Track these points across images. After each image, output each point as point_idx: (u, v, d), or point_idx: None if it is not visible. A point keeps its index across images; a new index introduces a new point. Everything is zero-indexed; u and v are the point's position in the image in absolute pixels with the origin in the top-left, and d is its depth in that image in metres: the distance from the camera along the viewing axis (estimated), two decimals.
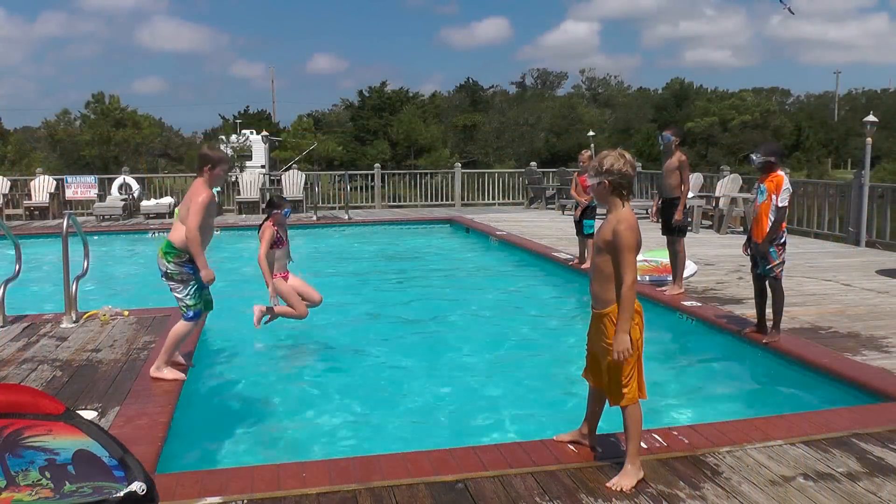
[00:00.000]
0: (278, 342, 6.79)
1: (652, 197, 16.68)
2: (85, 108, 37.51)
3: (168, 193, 18.67)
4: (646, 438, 3.79)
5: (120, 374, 5.01)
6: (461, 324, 7.56)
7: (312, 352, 6.62)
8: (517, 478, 3.42)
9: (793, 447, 3.76)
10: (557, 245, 11.30)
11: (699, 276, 8.44)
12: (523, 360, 6.22)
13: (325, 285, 9.11)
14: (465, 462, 3.57)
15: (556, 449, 3.71)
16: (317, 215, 16.69)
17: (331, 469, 3.50)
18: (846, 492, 3.27)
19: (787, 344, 5.62)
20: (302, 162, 38.57)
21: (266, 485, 3.34)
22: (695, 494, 3.25)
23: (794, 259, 10.02)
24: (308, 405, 5.19)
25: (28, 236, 13.02)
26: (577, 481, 3.38)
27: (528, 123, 48.47)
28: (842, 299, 7.31)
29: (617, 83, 64.94)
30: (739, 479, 3.41)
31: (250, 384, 5.64)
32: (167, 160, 40.14)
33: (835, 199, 12.72)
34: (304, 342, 6.84)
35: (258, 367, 6.09)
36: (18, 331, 6.27)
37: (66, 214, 6.73)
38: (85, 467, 2.51)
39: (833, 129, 57.68)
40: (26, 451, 2.48)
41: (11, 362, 5.33)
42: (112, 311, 6.78)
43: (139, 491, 2.53)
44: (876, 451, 3.70)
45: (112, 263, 11.91)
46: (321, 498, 3.23)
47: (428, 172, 21.62)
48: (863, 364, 5.13)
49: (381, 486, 3.32)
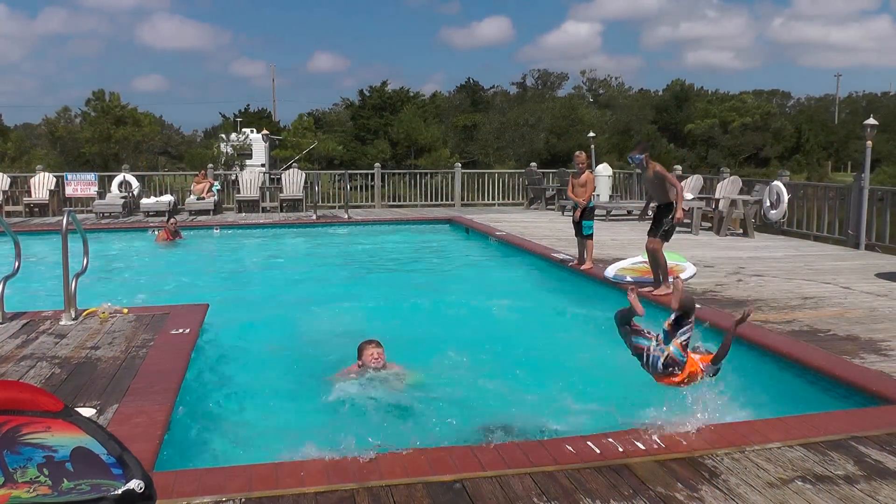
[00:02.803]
0: (278, 341, 6.79)
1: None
2: (85, 105, 37.47)
3: (168, 191, 18.67)
4: (643, 440, 3.80)
5: (119, 372, 5.01)
6: (460, 323, 7.56)
7: (312, 351, 6.62)
8: (515, 478, 3.42)
9: (791, 450, 3.76)
10: (557, 245, 11.29)
11: (698, 277, 8.44)
12: (522, 360, 6.21)
13: (325, 285, 9.15)
14: (463, 462, 3.57)
15: (554, 450, 3.71)
16: (316, 214, 16.69)
17: (329, 468, 3.50)
18: (844, 495, 3.27)
19: (786, 346, 5.62)
20: (302, 161, 38.56)
21: (264, 483, 3.34)
22: (693, 496, 3.26)
23: (794, 262, 10.04)
24: (307, 404, 5.19)
25: (28, 233, 13.01)
26: (575, 482, 3.38)
27: (528, 124, 48.44)
28: (841, 302, 7.31)
29: (617, 84, 64.90)
30: (737, 481, 3.41)
31: (249, 383, 5.64)
32: (167, 158, 40.15)
33: (834, 201, 12.73)
34: (304, 341, 6.85)
35: (257, 366, 6.09)
36: (17, 327, 6.27)
37: (65, 211, 6.72)
38: (83, 465, 2.51)
39: (833, 132, 57.68)
40: (24, 447, 2.47)
41: (10, 359, 5.33)
42: (111, 309, 6.78)
43: (137, 489, 2.53)
44: (874, 455, 3.70)
45: (112, 261, 11.91)
46: (319, 497, 3.23)
47: (428, 172, 21.63)
48: (861, 367, 5.13)
49: (379, 486, 3.32)
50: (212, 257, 12.79)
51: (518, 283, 9.85)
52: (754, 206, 13.25)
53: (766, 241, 12.34)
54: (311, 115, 51.94)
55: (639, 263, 8.51)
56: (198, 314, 6.55)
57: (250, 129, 43.05)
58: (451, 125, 49.59)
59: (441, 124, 48.69)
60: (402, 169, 26.03)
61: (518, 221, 15.34)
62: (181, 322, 6.26)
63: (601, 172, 18.92)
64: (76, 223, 6.83)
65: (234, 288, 9.46)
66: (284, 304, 8.57)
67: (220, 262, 12.42)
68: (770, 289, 7.95)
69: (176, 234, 13.52)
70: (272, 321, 7.65)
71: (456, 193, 19.88)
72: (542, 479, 3.41)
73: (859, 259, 10.38)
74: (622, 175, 20.27)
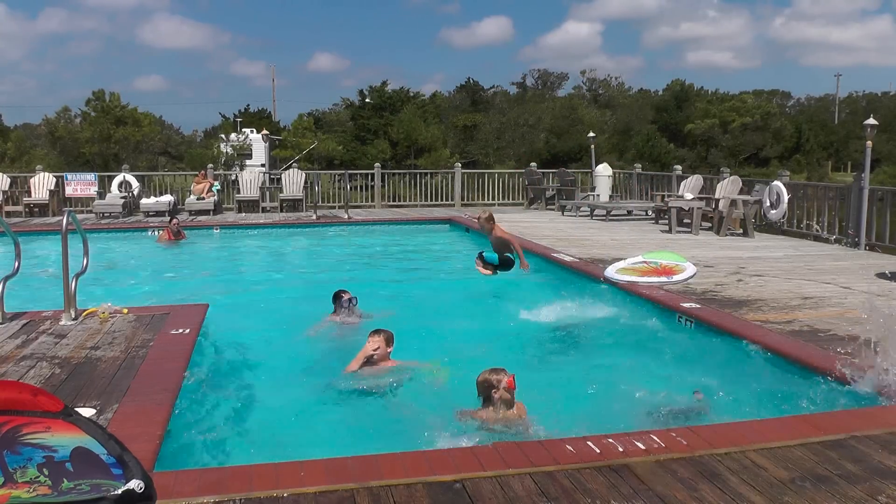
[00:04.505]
0: (278, 341, 6.79)
1: (652, 198, 16.70)
2: (85, 105, 37.53)
3: (168, 192, 18.67)
4: (644, 439, 3.79)
5: (119, 372, 5.00)
6: (459, 323, 7.56)
7: (312, 351, 6.62)
8: (515, 478, 3.42)
9: (791, 449, 3.76)
10: (557, 245, 11.30)
11: (698, 277, 8.43)
12: (521, 360, 6.22)
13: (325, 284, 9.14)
14: (463, 462, 3.57)
15: (554, 450, 3.71)
16: (316, 214, 16.69)
17: (329, 468, 3.50)
18: (844, 494, 3.27)
19: (786, 346, 5.62)
20: (302, 161, 38.58)
21: (264, 483, 3.34)
22: (693, 496, 3.25)
23: (794, 261, 10.04)
24: (307, 404, 5.19)
25: (28, 233, 13.01)
26: (575, 482, 3.38)
27: (528, 124, 48.46)
28: (841, 302, 7.31)
29: (617, 84, 64.90)
30: (738, 481, 3.41)
31: (249, 383, 5.64)
32: (167, 158, 40.16)
33: (835, 201, 12.73)
34: (304, 341, 6.84)
35: (258, 366, 6.09)
36: (17, 328, 6.26)
37: (65, 211, 6.71)
38: (83, 465, 2.51)
39: (833, 131, 57.66)
40: (24, 447, 2.47)
41: (10, 359, 5.33)
42: (111, 309, 6.77)
43: (137, 489, 2.53)
44: (874, 455, 3.70)
45: (112, 261, 11.91)
46: (319, 497, 3.23)
47: (428, 172, 21.63)
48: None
49: (379, 486, 3.32)
50: (212, 257, 12.79)
51: (518, 283, 9.84)
52: (754, 206, 13.25)
53: (766, 240, 12.34)
54: (311, 115, 52.00)
55: (639, 263, 8.51)
56: (198, 314, 6.55)
57: (250, 130, 43.10)
58: (451, 125, 49.61)
59: (441, 124, 48.69)
60: (402, 169, 26.02)
61: (518, 221, 15.33)
62: (181, 322, 6.26)
63: (601, 172, 18.95)
64: (76, 223, 6.82)
65: (235, 288, 9.46)
66: (284, 304, 8.57)
67: (220, 263, 12.42)
68: (770, 289, 7.95)
69: (178, 234, 13.51)
70: (272, 321, 7.65)
71: (456, 193, 19.88)
72: (542, 479, 3.40)
73: (859, 259, 10.38)
74: (622, 175, 20.28)
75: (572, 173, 20.27)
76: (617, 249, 10.81)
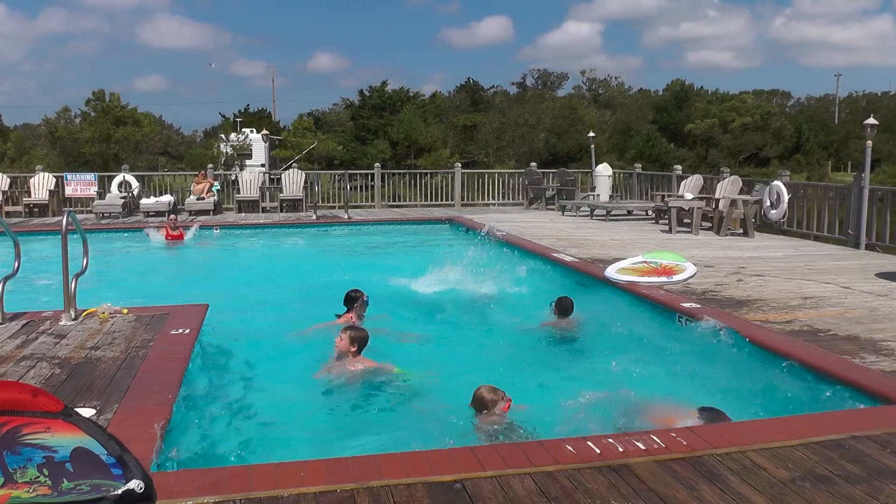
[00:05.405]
0: (278, 341, 6.78)
1: (652, 198, 16.69)
2: (85, 105, 37.55)
3: (168, 192, 18.67)
4: (644, 440, 3.79)
5: (119, 372, 5.00)
6: (458, 322, 7.56)
7: (312, 351, 6.61)
8: (515, 478, 3.42)
9: (791, 449, 3.76)
10: (557, 245, 11.30)
11: (698, 277, 8.43)
12: (521, 360, 6.22)
13: (325, 284, 9.14)
14: (463, 462, 3.57)
15: (554, 450, 3.71)
16: (316, 214, 16.69)
17: (329, 468, 3.50)
18: (844, 494, 3.27)
19: (786, 346, 5.62)
20: (302, 161, 38.58)
21: (264, 483, 3.34)
22: (693, 496, 3.25)
23: (794, 261, 10.04)
24: (307, 404, 5.19)
25: (27, 233, 13.01)
26: (575, 482, 3.38)
27: (528, 124, 48.41)
28: (841, 302, 7.31)
29: (617, 84, 64.87)
30: (738, 481, 3.41)
31: (249, 383, 5.64)
32: (167, 158, 40.17)
33: (835, 201, 12.72)
34: (304, 341, 6.84)
35: (258, 366, 6.09)
36: (17, 328, 6.26)
37: (65, 212, 6.71)
38: (83, 465, 2.51)
39: (833, 131, 57.67)
40: (24, 448, 2.48)
41: (10, 359, 5.33)
42: (111, 309, 6.77)
43: (137, 489, 2.53)
44: (874, 454, 3.70)
45: (111, 261, 11.90)
46: (319, 497, 3.23)
47: (428, 172, 21.62)
48: (861, 367, 5.13)
49: (379, 486, 3.32)
50: (211, 257, 12.79)
51: (517, 283, 9.84)
52: (754, 206, 13.25)
53: (766, 240, 12.34)
54: (311, 115, 51.99)
55: (639, 263, 8.51)
56: (198, 314, 6.54)
57: (250, 130, 43.08)
58: (451, 125, 49.57)
59: (441, 124, 48.68)
60: (402, 169, 26.00)
61: (518, 221, 15.33)
62: (181, 322, 6.26)
63: (601, 172, 18.96)
64: (76, 223, 6.82)
65: (234, 288, 9.45)
66: (284, 304, 8.57)
67: (220, 263, 12.42)
68: (770, 288, 7.95)
69: (177, 231, 13.53)
70: (272, 321, 7.65)
71: (456, 193, 19.87)
72: (542, 479, 3.40)
73: (859, 259, 10.38)
74: (622, 175, 20.28)
75: (572, 173, 20.26)
76: (617, 249, 10.81)
